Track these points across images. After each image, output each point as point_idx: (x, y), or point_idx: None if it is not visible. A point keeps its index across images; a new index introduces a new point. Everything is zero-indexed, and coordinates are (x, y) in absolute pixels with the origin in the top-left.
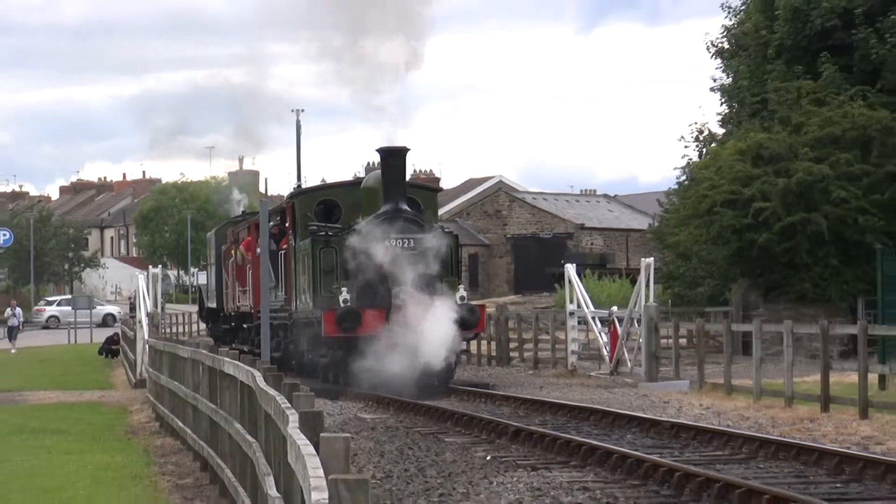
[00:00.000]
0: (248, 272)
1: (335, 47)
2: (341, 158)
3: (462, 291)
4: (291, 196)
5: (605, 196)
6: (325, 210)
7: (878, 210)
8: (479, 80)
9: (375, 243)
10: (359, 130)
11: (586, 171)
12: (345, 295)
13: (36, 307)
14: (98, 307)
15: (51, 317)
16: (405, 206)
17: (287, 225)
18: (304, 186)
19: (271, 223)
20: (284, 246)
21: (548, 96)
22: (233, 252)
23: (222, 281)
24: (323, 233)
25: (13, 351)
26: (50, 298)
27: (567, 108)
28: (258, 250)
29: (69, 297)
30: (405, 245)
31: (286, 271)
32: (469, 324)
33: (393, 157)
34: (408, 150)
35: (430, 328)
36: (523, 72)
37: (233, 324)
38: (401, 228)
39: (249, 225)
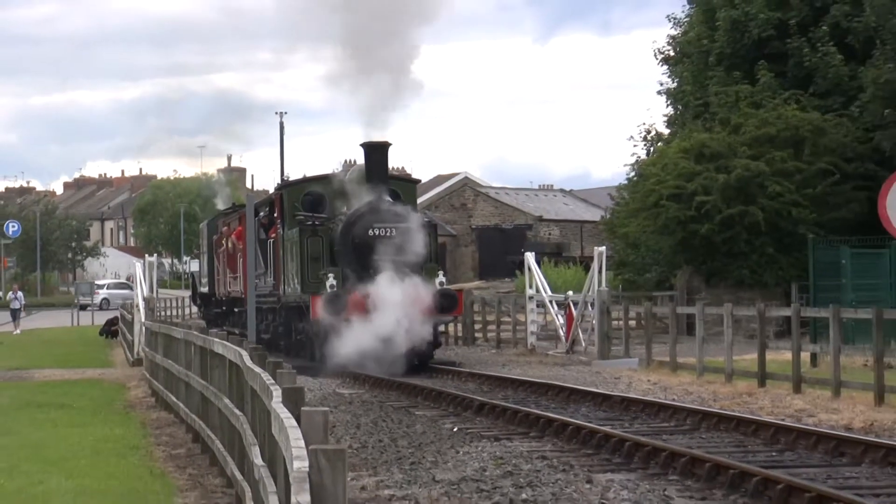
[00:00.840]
0: (238, 260)
1: (341, 61)
2: (320, 156)
3: (441, 277)
4: (280, 188)
5: (562, 191)
6: (311, 201)
7: (810, 203)
8: (446, 85)
9: (360, 231)
10: (336, 131)
11: (544, 168)
12: (331, 280)
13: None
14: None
15: (103, 299)
16: (387, 197)
17: (276, 215)
18: (290, 180)
19: (261, 213)
20: (273, 235)
21: (509, 99)
22: (224, 241)
23: (214, 268)
24: (310, 222)
25: (16, 332)
26: (100, 282)
27: (526, 110)
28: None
29: (120, 281)
30: (387, 233)
31: (275, 259)
32: (448, 307)
33: (376, 151)
34: (389, 144)
35: (412, 312)
36: (487, 77)
37: (224, 308)
38: (383, 217)
39: (240, 216)
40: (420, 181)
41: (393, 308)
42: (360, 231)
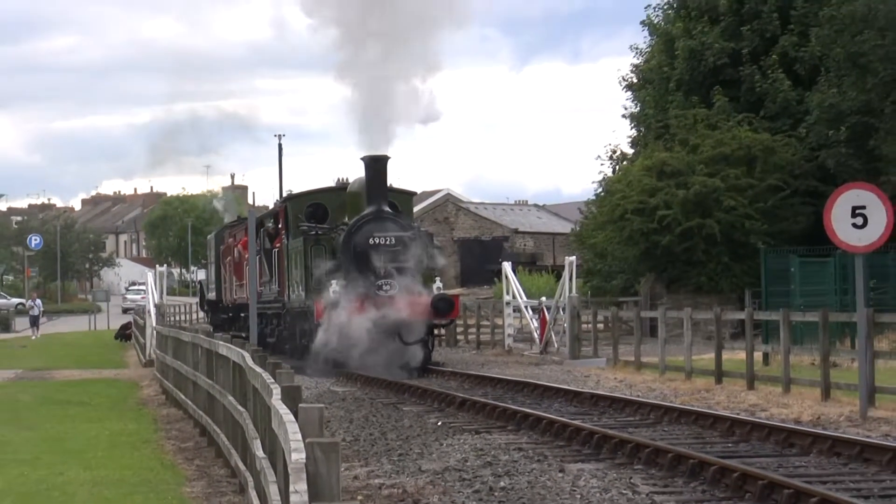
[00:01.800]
0: (245, 268)
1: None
2: (315, 175)
3: (438, 283)
4: (284, 200)
5: (535, 205)
6: (313, 212)
7: (761, 216)
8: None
9: (361, 240)
10: (330, 152)
11: (519, 185)
12: (334, 286)
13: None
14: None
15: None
16: (387, 208)
17: (280, 226)
18: (293, 193)
19: (267, 225)
20: (278, 245)
21: (487, 122)
22: (230, 251)
23: (221, 276)
24: (314, 232)
25: (34, 337)
26: (130, 288)
27: (503, 132)
28: (258, 249)
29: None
30: (387, 242)
31: (279, 267)
32: (445, 311)
33: (376, 164)
34: (388, 158)
35: (411, 315)
36: (468, 102)
37: (231, 314)
38: (384, 227)
39: (246, 228)
40: (416, 193)
41: (393, 312)
42: (361, 239)
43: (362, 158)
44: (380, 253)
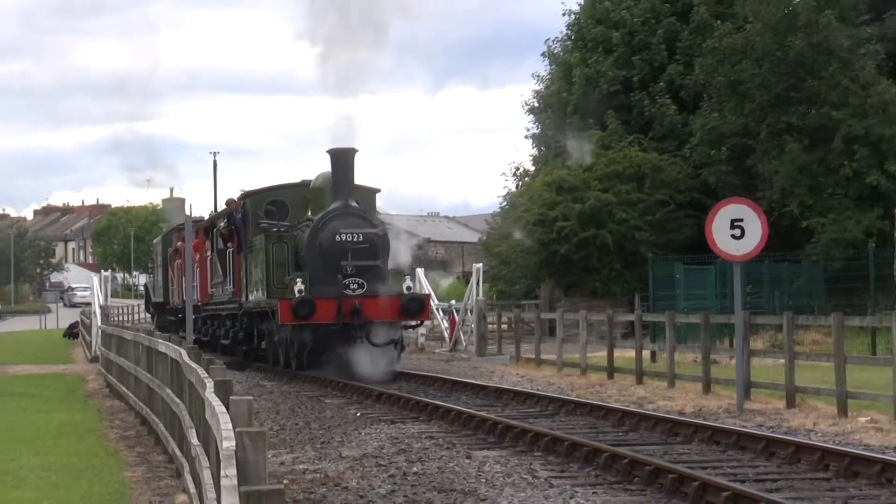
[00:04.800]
0: (195, 270)
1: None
2: (248, 188)
3: (409, 282)
4: (243, 197)
5: (446, 217)
6: (274, 209)
7: (650, 227)
8: (334, 134)
9: (327, 236)
10: (261, 167)
11: (432, 198)
12: (299, 285)
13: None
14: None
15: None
16: (354, 203)
17: (233, 226)
18: (252, 189)
19: (220, 224)
20: (232, 245)
21: (404, 140)
22: (179, 254)
23: (168, 279)
24: (275, 229)
25: None
26: (75, 285)
27: (418, 149)
28: (207, 251)
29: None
30: (354, 239)
31: (235, 267)
32: (415, 311)
33: (342, 158)
34: (356, 151)
35: (379, 317)
36: (386, 122)
37: (180, 315)
38: (350, 223)
39: (197, 229)
40: (380, 190)
41: (361, 312)
42: (327, 236)
43: (328, 151)
44: (347, 250)
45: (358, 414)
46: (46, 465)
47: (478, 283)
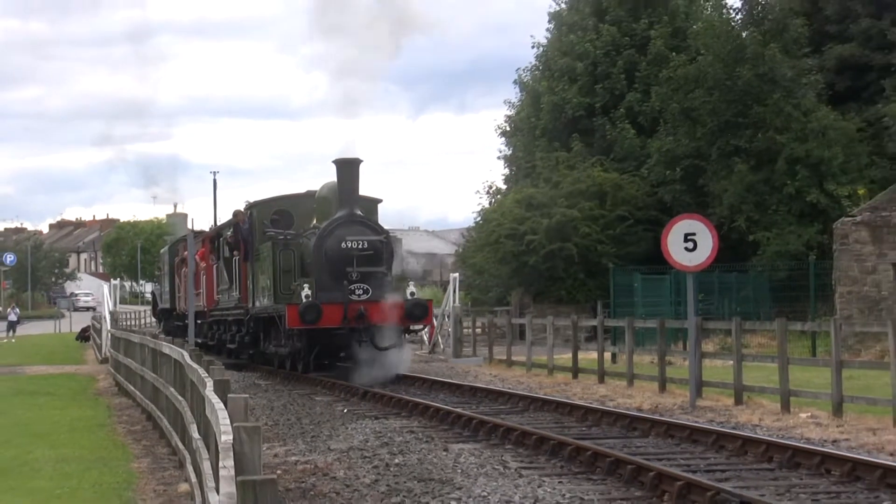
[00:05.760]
0: (201, 278)
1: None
2: (249, 202)
3: (412, 287)
4: (249, 206)
5: (426, 231)
6: (279, 218)
7: (611, 241)
8: (340, 152)
9: (333, 244)
10: (256, 186)
11: (413, 213)
12: (307, 291)
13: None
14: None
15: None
16: (359, 212)
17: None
18: (258, 200)
19: (227, 233)
20: (238, 253)
21: (386, 161)
22: (185, 263)
23: (174, 286)
24: (282, 237)
25: (11, 339)
26: (77, 292)
27: (401, 169)
28: (213, 260)
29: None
30: (360, 246)
31: (241, 274)
32: (419, 316)
33: (348, 168)
34: (361, 161)
35: (385, 321)
36: (371, 145)
37: (186, 321)
38: (356, 231)
39: (203, 239)
40: (381, 200)
41: (366, 316)
42: (333, 243)
43: (335, 161)
44: (352, 257)
45: (345, 410)
46: (60, 457)
47: (454, 291)
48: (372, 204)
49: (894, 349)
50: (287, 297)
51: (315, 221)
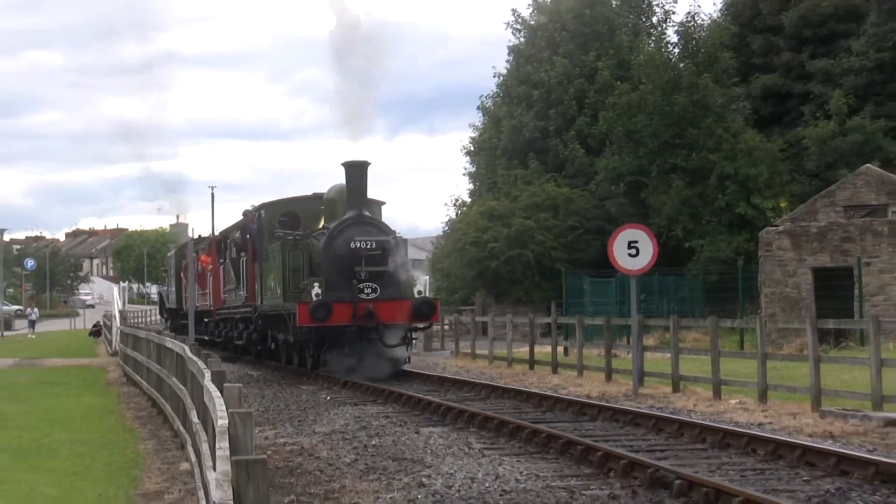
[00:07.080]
0: (208, 279)
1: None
2: (239, 217)
3: (419, 286)
4: (259, 208)
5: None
6: (287, 220)
7: (563, 248)
8: (325, 168)
9: (342, 244)
10: (251, 200)
11: (390, 223)
12: (317, 289)
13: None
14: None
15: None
16: (367, 213)
17: (248, 236)
18: (268, 201)
19: (235, 235)
20: (245, 253)
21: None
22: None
23: (181, 286)
24: (291, 237)
25: (31, 336)
26: (82, 293)
27: (378, 185)
28: (220, 261)
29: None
30: (368, 246)
31: (248, 274)
32: (426, 314)
33: (356, 170)
34: (369, 163)
35: (393, 319)
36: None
37: None
38: (364, 231)
39: (210, 242)
40: (385, 203)
41: (374, 315)
42: (342, 243)
43: (344, 164)
44: (361, 257)
45: (328, 398)
46: (75, 439)
47: (425, 293)
48: (376, 206)
49: (812, 343)
50: (296, 295)
51: (322, 223)
